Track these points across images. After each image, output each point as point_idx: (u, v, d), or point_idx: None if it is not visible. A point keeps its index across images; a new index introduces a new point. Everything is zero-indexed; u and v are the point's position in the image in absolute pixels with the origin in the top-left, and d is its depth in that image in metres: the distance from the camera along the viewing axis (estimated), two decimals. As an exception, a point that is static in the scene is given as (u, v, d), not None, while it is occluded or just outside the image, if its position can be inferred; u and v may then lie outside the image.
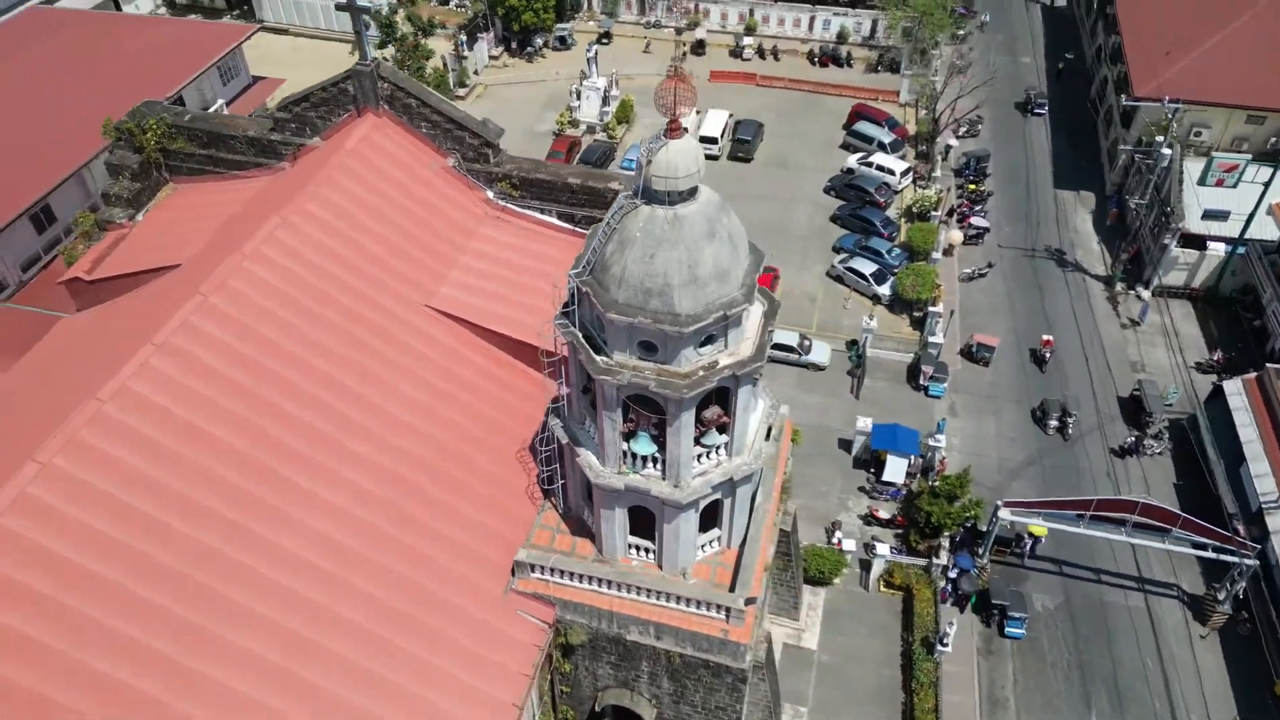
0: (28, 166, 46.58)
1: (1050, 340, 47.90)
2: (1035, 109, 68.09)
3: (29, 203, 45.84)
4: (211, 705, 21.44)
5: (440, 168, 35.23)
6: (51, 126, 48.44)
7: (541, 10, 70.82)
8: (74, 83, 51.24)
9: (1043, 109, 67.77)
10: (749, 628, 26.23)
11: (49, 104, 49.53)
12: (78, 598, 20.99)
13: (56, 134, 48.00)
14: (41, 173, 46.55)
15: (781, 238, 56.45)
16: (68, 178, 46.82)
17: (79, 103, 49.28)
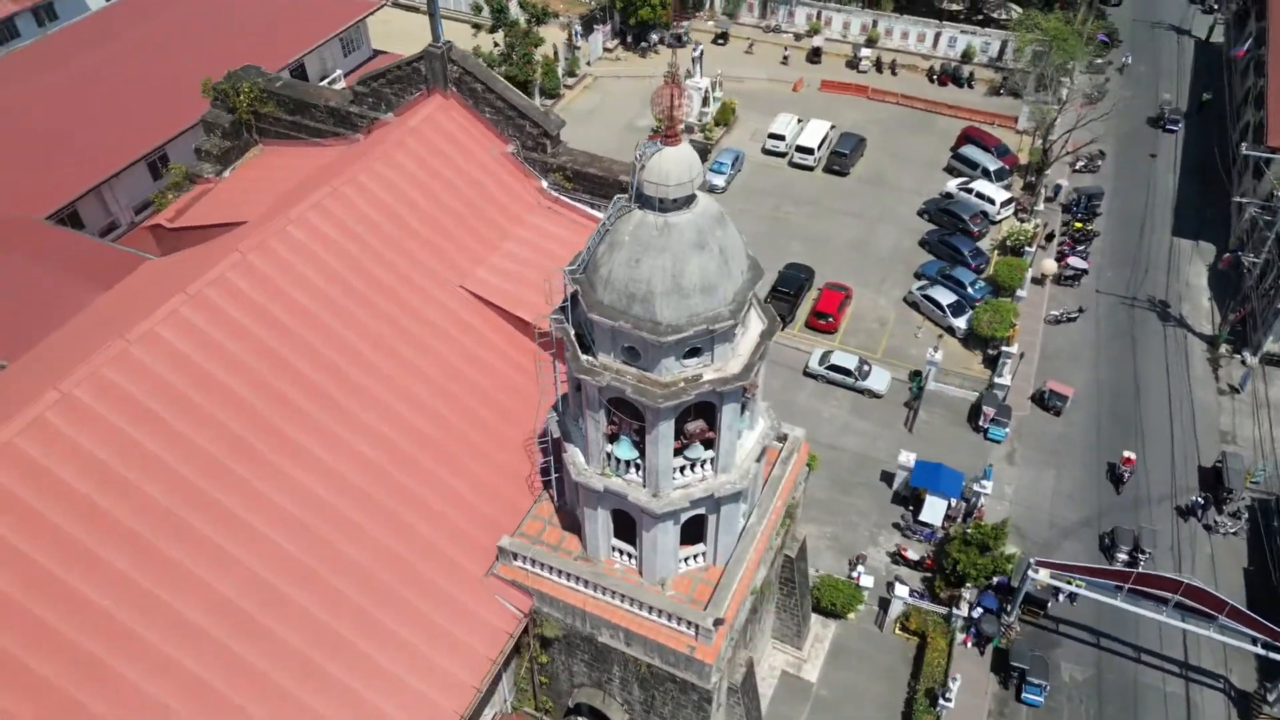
0: (151, 118, 50.14)
1: (1132, 459, 41.75)
2: (1168, 125, 63.91)
3: (145, 150, 49.46)
4: (181, 645, 22.58)
5: (499, 153, 35.87)
6: (178, 83, 51.86)
7: (659, 6, 70.91)
8: (204, 44, 54.66)
9: (1176, 126, 63.59)
10: (717, 648, 25.72)
11: (178, 62, 53.00)
12: (70, 521, 22.51)
13: (180, 90, 51.33)
14: (161, 124, 50.05)
15: (863, 257, 54.89)
16: (184, 131, 49.98)
17: (205, 62, 52.46)
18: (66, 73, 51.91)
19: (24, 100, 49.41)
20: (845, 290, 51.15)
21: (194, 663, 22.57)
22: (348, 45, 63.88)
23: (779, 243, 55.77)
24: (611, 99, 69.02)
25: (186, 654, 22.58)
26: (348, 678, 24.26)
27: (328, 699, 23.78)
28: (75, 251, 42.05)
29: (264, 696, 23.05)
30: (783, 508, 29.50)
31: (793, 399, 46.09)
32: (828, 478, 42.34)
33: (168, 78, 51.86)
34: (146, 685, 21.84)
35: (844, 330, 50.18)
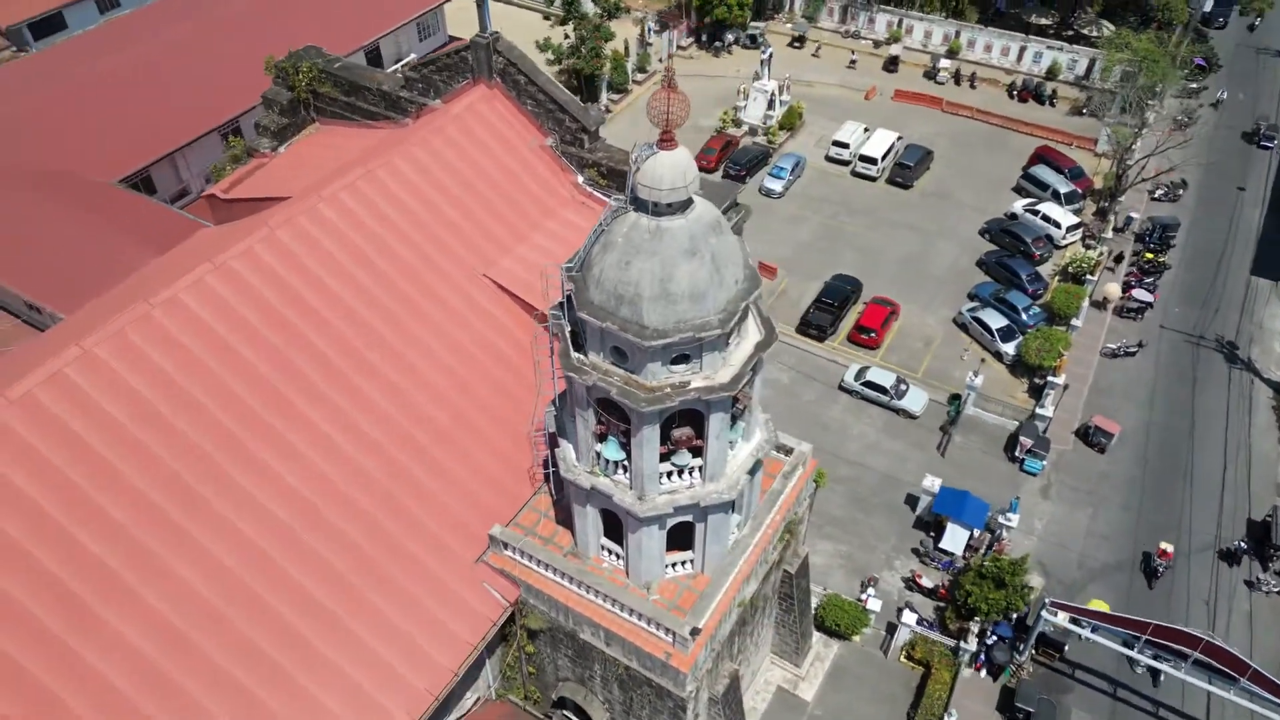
0: (226, 92, 52.10)
1: (1169, 552, 38.27)
2: (1263, 142, 60.90)
3: (217, 123, 51.46)
4: (172, 602, 23.49)
5: (538, 145, 36.15)
6: (254, 59, 53.59)
7: (736, 7, 70.37)
8: (281, 22, 56.51)
9: (1272, 143, 60.58)
10: (693, 657, 25.54)
11: (256, 39, 54.83)
12: (78, 472, 23.61)
13: (256, 66, 53.09)
14: (235, 99, 51.96)
15: (916, 273, 53.59)
16: (254, 106, 51.70)
17: (282, 40, 54.09)
18: (149, 47, 54.29)
19: (108, 73, 51.82)
20: (892, 306, 50.02)
21: (180, 620, 23.42)
22: (424, 30, 65.24)
23: (831, 252, 54.88)
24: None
25: (174, 610, 23.46)
26: (327, 649, 24.88)
27: (306, 667, 24.43)
28: (140, 215, 44.04)
29: (246, 659, 23.79)
30: (781, 522, 29.08)
31: (824, 413, 45.34)
32: (849, 496, 41.56)
33: (245, 54, 53.56)
34: (135, 636, 22.77)
35: (887, 347, 49.09)
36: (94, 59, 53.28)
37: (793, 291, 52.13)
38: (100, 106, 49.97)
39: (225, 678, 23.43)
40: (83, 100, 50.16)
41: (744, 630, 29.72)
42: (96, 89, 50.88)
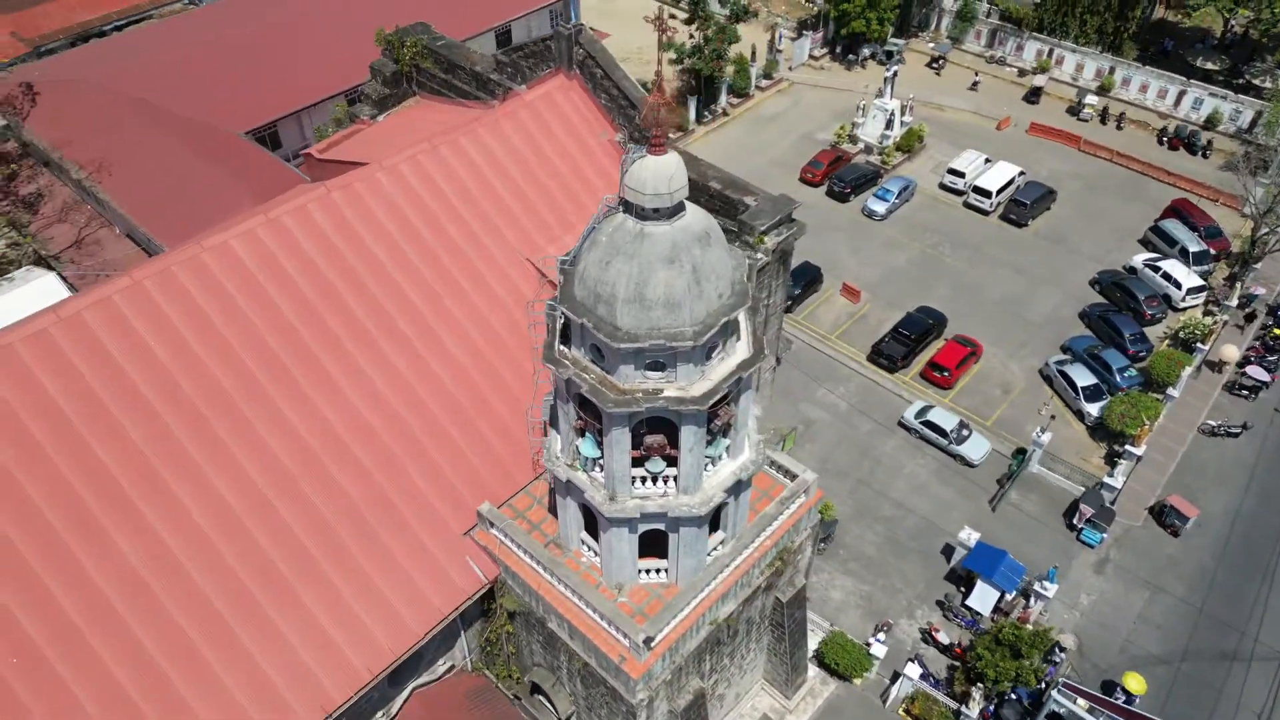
0: (355, 59, 54.96)
1: None
2: None
3: (343, 88, 54.42)
4: (169, 525, 25.22)
5: (606, 139, 36.49)
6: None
7: (876, 21, 68.47)
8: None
9: None
10: (647, 665, 25.38)
11: (393, 11, 57.66)
12: (110, 393, 25.66)
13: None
14: (361, 66, 54.76)
15: (1011, 316, 50.85)
16: (379, 74, 54.39)
17: (415, 14, 56.86)
18: (294, 11, 57.90)
19: (256, 32, 55.68)
20: (973, 347, 47.67)
21: (172, 539, 25.17)
22: (557, 18, 66.65)
23: (923, 283, 52.77)
24: (801, 108, 67.71)
25: (168, 530, 25.21)
26: (304, 592, 26.12)
27: (281, 609, 25.69)
28: (255, 166, 47.24)
29: (226, 590, 25.26)
30: (771, 547, 28.39)
31: (877, 447, 43.77)
32: (884, 536, 40.01)
33: (379, 23, 56.56)
34: (131, 550, 24.64)
35: (960, 389, 46.86)
36: (245, 19, 57.43)
37: (873, 318, 50.49)
38: (242, 63, 53.82)
39: (205, 606, 24.97)
40: (228, 55, 54.16)
41: (720, 650, 29.21)
42: (243, 46, 54.80)
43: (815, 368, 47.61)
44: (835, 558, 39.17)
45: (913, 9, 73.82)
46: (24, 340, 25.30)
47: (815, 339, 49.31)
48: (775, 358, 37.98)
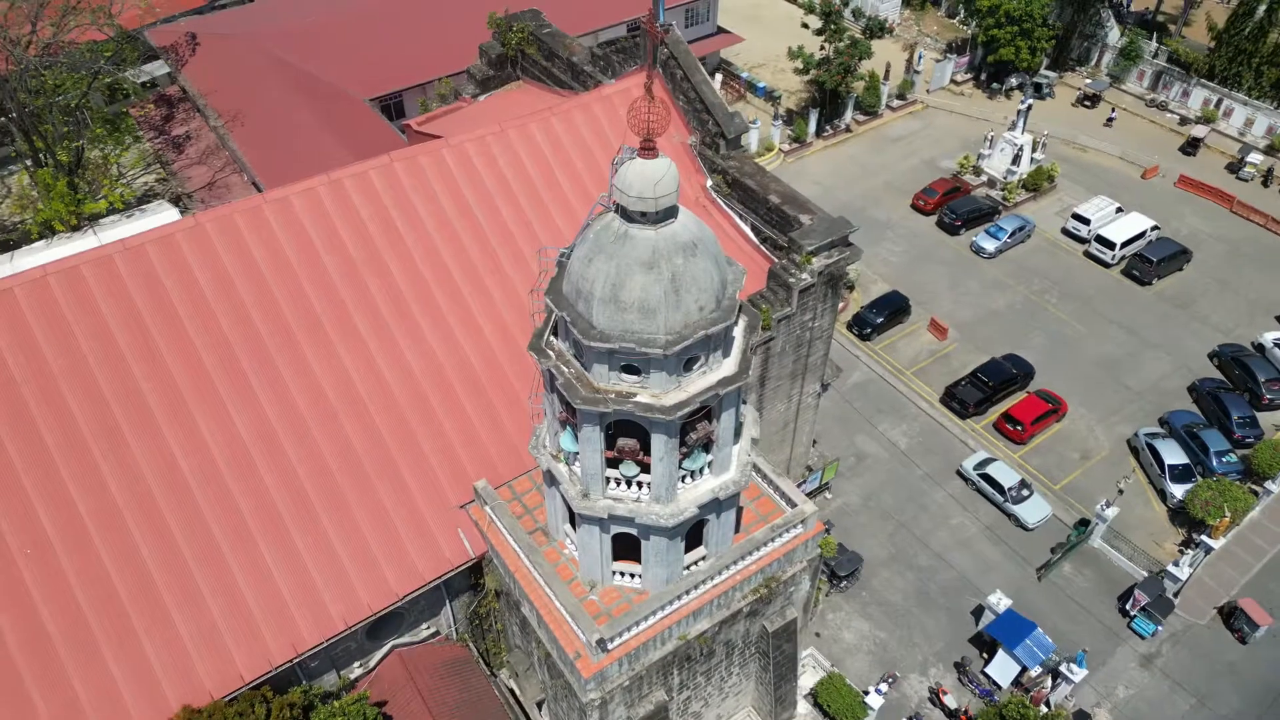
0: (482, 37, 56.95)
1: None
2: None
3: (465, 65, 56.31)
4: (184, 446, 27.15)
5: (679, 142, 36.34)
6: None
7: (1028, 50, 64.95)
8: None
9: None
10: (600, 666, 25.33)
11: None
12: (156, 317, 27.79)
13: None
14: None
15: (1108, 378, 47.40)
16: (502, 56, 56.03)
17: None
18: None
19: (391, 5, 58.34)
20: (1057, 404, 44.69)
21: (186, 462, 27.02)
22: (692, 16, 66.76)
23: (1018, 330, 49.87)
24: (930, 132, 65.15)
25: (183, 453, 27.07)
26: (298, 538, 27.38)
27: (272, 548, 27.03)
28: (367, 129, 49.84)
29: (226, 519, 26.90)
30: (755, 571, 27.66)
31: (929, 492, 41.78)
32: (914, 586, 38.20)
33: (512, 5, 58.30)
34: (150, 474, 26.66)
35: (1033, 446, 44.05)
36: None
37: (956, 359, 48.13)
38: (379, 33, 56.66)
39: (205, 532, 26.70)
40: (369, 25, 57.13)
41: (692, 667, 28.70)
42: (382, 17, 57.66)
43: (882, 401, 45.87)
44: (857, 598, 37.73)
45: (1072, 41, 69.61)
46: (89, 264, 27.74)
47: (889, 371, 47.48)
48: (820, 384, 36.86)
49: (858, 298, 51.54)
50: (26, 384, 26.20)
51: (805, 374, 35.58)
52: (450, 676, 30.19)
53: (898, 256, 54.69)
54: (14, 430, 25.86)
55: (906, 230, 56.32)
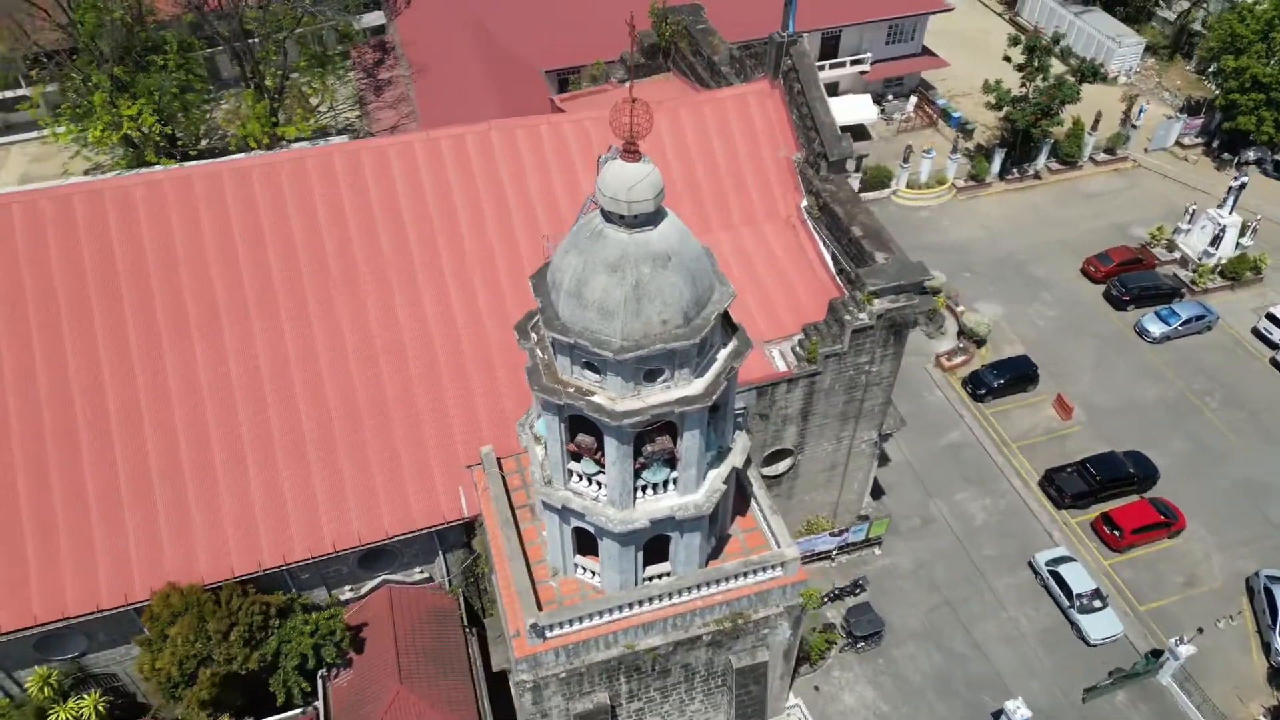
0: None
1: None
2: None
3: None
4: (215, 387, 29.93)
5: (784, 155, 35.33)
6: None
7: (1271, 123, 57.20)
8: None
9: None
10: (532, 650, 25.67)
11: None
12: (189, 248, 30.71)
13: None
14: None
15: (1247, 503, 41.71)
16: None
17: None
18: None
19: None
20: (1172, 518, 39.63)
21: (238, 377, 29.81)
22: (896, 33, 64.03)
23: (1158, 427, 44.57)
24: (1133, 194, 59.10)
25: (234, 354, 29.88)
26: (313, 462, 29.45)
27: (291, 469, 29.28)
28: (531, 97, 51.92)
29: (256, 440, 29.34)
30: (720, 601, 26.82)
31: (989, 576, 38.46)
32: (938, 673, 35.46)
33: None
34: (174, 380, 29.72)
35: (1131, 556, 39.38)
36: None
37: (1073, 444, 43.75)
38: (571, 8, 58.49)
39: (235, 436, 29.36)
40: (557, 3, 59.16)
41: (643, 679, 28.23)
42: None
43: (972, 468, 42.59)
44: (872, 663, 35.57)
45: (1334, 119, 60.36)
46: (171, 180, 31.06)
47: (991, 439, 43.94)
48: (878, 432, 34.80)
49: (984, 355, 47.92)
50: (106, 279, 29.71)
51: (859, 418, 33.76)
52: (429, 624, 31.52)
53: (1046, 321, 50.24)
54: (104, 317, 29.41)
55: (1066, 294, 51.60)
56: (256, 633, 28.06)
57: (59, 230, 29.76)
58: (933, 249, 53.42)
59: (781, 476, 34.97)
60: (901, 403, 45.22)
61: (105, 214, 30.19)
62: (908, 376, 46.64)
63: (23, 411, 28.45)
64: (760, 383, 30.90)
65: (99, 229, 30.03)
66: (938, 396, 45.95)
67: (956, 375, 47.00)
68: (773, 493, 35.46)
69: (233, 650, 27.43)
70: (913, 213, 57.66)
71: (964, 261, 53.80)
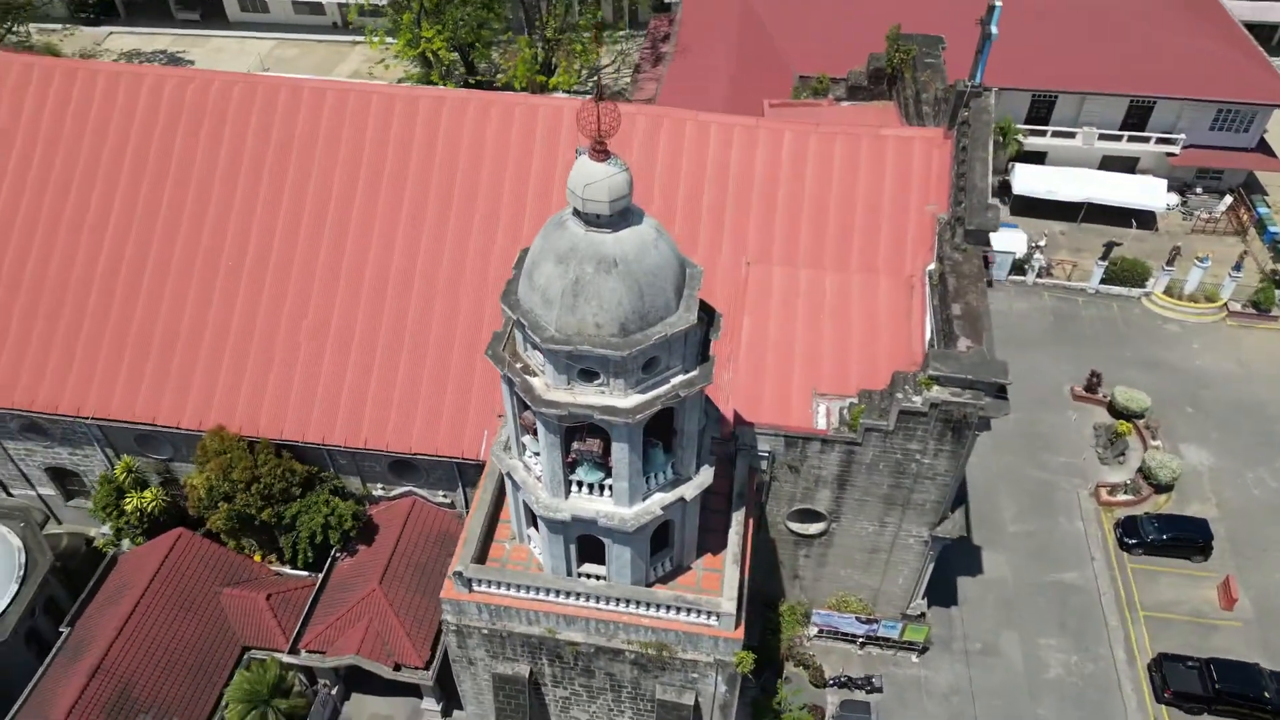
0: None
1: None
2: None
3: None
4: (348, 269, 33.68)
5: (931, 211, 32.45)
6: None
7: None
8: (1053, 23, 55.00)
9: None
10: (458, 596, 26.79)
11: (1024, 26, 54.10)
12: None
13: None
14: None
15: None
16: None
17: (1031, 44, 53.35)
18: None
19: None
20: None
21: (345, 265, 33.56)
22: (1228, 120, 55.01)
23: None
24: None
25: (350, 257, 33.62)
26: (376, 364, 32.51)
27: (358, 365, 32.59)
28: (770, 94, 51.43)
29: (343, 331, 32.92)
30: (645, 625, 26.15)
31: (1033, 737, 33.37)
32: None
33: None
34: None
35: (1225, 792, 32.22)
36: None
37: (1223, 639, 36.24)
38: (843, 18, 56.54)
39: (327, 320, 33.14)
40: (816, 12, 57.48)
41: (567, 670, 28.18)
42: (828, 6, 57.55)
43: (1074, 617, 36.87)
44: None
45: None
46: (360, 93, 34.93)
47: (1117, 595, 37.63)
48: (929, 531, 31.32)
49: (1160, 503, 40.78)
50: (280, 161, 34.43)
51: (906, 509, 30.68)
52: (432, 543, 33.75)
53: (1265, 491, 41.57)
54: (268, 192, 34.29)
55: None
56: (276, 493, 31.86)
57: (261, 108, 34.94)
58: (1164, 368, 46.32)
59: (813, 539, 32.79)
60: (1031, 517, 40.12)
61: (300, 108, 34.98)
62: (1051, 490, 41.16)
63: (183, 255, 34.07)
64: (788, 431, 29.16)
65: (291, 117, 34.95)
66: (1075, 527, 39.99)
67: (1112, 513, 40.53)
68: (801, 553, 33.59)
69: (250, 499, 31.43)
70: (1161, 323, 49.85)
71: (1194, 394, 45.76)
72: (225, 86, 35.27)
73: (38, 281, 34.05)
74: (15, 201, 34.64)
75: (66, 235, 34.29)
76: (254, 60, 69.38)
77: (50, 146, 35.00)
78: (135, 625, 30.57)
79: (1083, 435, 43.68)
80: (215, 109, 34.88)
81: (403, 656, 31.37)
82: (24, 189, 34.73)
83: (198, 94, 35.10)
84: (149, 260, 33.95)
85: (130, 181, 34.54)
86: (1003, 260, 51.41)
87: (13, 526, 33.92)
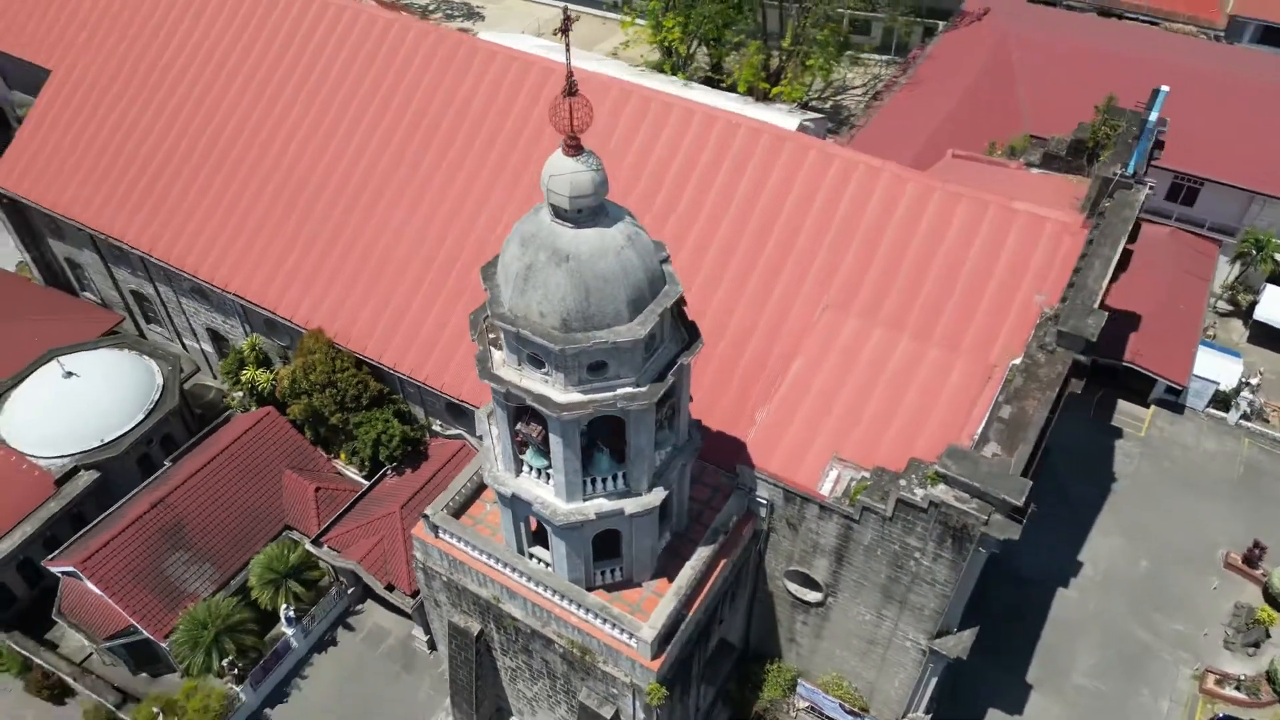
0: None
1: None
2: None
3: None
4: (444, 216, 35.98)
5: (1040, 302, 28.97)
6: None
7: None
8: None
9: None
10: (426, 540, 28.40)
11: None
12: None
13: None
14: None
15: None
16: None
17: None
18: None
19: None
20: None
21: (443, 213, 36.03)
22: None
23: None
24: None
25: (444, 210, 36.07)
26: (458, 306, 34.52)
27: (443, 304, 34.85)
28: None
29: (444, 262, 35.56)
30: (573, 622, 26.27)
31: None
32: None
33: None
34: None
35: None
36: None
37: None
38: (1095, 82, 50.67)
39: (426, 262, 35.83)
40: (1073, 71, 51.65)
41: (510, 642, 28.87)
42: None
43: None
44: None
45: None
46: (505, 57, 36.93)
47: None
48: (926, 639, 28.25)
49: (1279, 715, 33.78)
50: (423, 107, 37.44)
51: (903, 607, 27.97)
52: (465, 489, 35.56)
53: None
54: (405, 133, 37.53)
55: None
56: (348, 400, 35.14)
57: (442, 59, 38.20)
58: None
59: (810, 607, 30.80)
60: (1109, 676, 35.02)
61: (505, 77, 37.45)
62: (1148, 655, 35.62)
63: (323, 176, 38.24)
64: (788, 485, 27.59)
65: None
66: (1159, 705, 34.18)
67: (1213, 706, 34.15)
68: (799, 618, 31.78)
69: (324, 400, 34.94)
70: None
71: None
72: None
73: (230, 176, 39.66)
74: (249, 113, 40.45)
75: (279, 147, 39.37)
76: (533, 24, 74.82)
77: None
78: (204, 477, 35.23)
79: (1217, 609, 36.97)
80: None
81: (397, 580, 33.62)
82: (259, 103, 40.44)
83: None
84: (315, 174, 38.40)
85: (339, 114, 38.82)
86: (1203, 388, 44.36)
87: (161, 366, 40.10)
